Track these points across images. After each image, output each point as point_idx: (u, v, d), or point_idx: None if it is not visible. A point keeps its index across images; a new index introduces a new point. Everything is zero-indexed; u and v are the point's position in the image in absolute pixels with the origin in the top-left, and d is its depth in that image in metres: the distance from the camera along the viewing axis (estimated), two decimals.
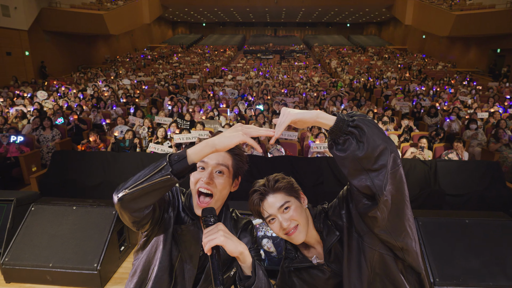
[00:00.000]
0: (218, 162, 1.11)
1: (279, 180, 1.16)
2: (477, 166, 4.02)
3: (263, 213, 1.14)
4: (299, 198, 1.18)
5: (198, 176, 1.10)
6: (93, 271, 1.85)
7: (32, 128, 5.85)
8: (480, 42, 18.64)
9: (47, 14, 16.18)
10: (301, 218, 1.13)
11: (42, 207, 2.10)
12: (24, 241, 1.97)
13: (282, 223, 1.11)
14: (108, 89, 10.70)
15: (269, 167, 4.08)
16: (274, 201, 1.12)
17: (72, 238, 1.99)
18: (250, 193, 1.17)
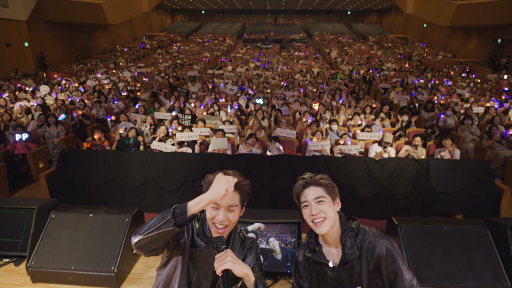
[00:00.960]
0: (229, 204, 1.32)
1: (324, 178, 1.40)
2: (467, 165, 4.19)
3: (301, 197, 1.39)
4: (334, 200, 1.39)
5: (214, 214, 1.32)
6: (110, 273, 2.06)
7: (37, 124, 5.99)
8: (481, 32, 18.57)
9: (45, 3, 16.06)
10: (329, 215, 1.35)
11: (61, 215, 2.28)
12: (47, 246, 2.16)
13: (312, 210, 1.34)
14: (109, 82, 10.77)
15: (268, 165, 4.24)
16: (313, 192, 1.36)
17: (90, 243, 2.18)
18: (298, 180, 1.42)
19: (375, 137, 5.35)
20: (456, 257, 2.04)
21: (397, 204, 3.99)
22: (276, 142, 4.91)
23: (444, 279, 1.96)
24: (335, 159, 4.33)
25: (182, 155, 4.37)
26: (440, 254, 2.05)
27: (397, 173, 4.09)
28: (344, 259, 1.36)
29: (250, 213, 2.39)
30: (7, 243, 2.37)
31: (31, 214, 2.34)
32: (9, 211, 2.40)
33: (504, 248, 2.09)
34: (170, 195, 4.14)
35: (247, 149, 4.74)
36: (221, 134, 5.10)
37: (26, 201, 2.55)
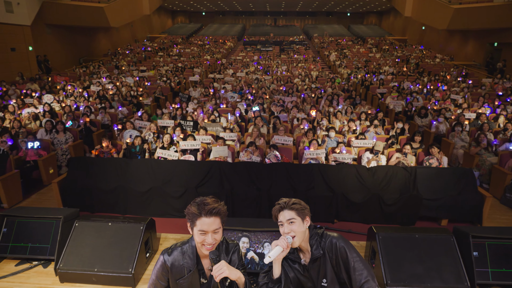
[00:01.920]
0: (213, 228, 1.59)
1: (296, 203, 1.74)
2: (452, 172, 4.47)
3: (278, 218, 1.75)
4: (303, 220, 1.73)
5: (202, 238, 1.60)
6: (128, 274, 2.36)
7: (46, 129, 6.27)
8: (477, 35, 18.83)
9: (48, 7, 16.36)
10: (298, 233, 1.70)
11: (84, 223, 2.58)
12: (73, 251, 2.46)
13: (285, 229, 1.70)
14: (113, 87, 11.06)
15: (266, 173, 4.53)
16: (286, 214, 1.71)
17: (110, 248, 2.49)
18: (276, 204, 1.79)
19: (368, 144, 5.63)
20: (425, 261, 2.33)
21: (386, 209, 4.27)
22: (274, 150, 5.19)
23: (414, 280, 2.26)
24: (329, 167, 4.61)
25: (186, 163, 4.66)
26: (411, 258, 2.35)
27: (386, 181, 4.38)
28: (312, 258, 1.73)
29: (249, 222, 2.67)
30: (37, 248, 2.67)
31: (58, 223, 2.64)
32: (38, 220, 2.70)
33: (466, 253, 2.38)
34: (174, 200, 4.42)
35: (247, 156, 5.02)
36: (222, 142, 5.38)
37: (52, 211, 2.85)
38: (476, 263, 2.44)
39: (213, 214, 1.54)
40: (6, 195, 4.63)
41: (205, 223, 1.55)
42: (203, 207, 1.55)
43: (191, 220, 1.59)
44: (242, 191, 4.38)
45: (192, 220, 1.58)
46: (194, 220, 1.57)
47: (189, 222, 1.61)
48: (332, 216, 4.40)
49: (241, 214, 4.34)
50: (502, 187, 5.06)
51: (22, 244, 2.68)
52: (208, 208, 1.54)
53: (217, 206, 1.58)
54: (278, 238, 1.71)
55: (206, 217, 1.54)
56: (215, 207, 1.56)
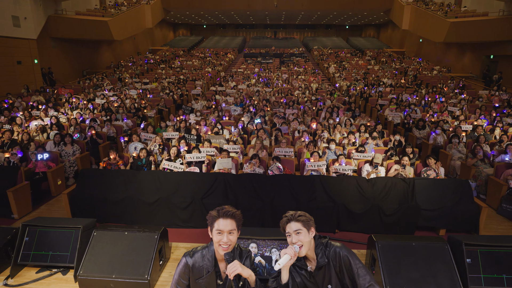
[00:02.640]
0: (229, 229, 1.83)
1: (301, 215, 1.90)
2: (449, 183, 4.62)
3: (286, 229, 1.91)
4: (309, 230, 1.89)
5: (219, 238, 1.83)
6: (144, 280, 2.52)
7: (55, 142, 6.45)
8: (474, 48, 19.22)
9: (54, 21, 16.78)
10: (305, 242, 1.86)
11: (101, 232, 2.74)
12: (92, 258, 2.61)
13: (293, 240, 1.86)
14: (117, 99, 11.29)
15: (269, 184, 4.68)
16: (293, 226, 1.87)
17: (127, 256, 2.64)
18: (283, 216, 1.95)
19: (367, 157, 5.80)
20: (421, 267, 2.48)
21: (385, 220, 4.41)
22: (277, 161, 5.36)
23: (411, 286, 2.40)
24: (330, 178, 4.77)
25: (192, 175, 4.82)
26: (409, 265, 2.50)
27: (385, 191, 4.53)
28: (318, 265, 1.89)
29: (255, 231, 2.82)
30: (57, 255, 2.81)
31: (77, 232, 2.79)
32: (58, 229, 2.85)
33: (460, 260, 2.53)
34: (181, 211, 4.57)
35: (251, 168, 5.18)
36: (225, 154, 5.55)
37: (71, 221, 3.02)
38: (469, 269, 2.58)
39: (228, 216, 1.81)
40: (16, 206, 4.77)
41: (222, 224, 1.80)
42: (221, 210, 1.82)
43: (210, 222, 1.84)
44: (246, 202, 4.53)
45: (211, 222, 1.83)
46: (213, 222, 1.83)
47: (209, 226, 1.85)
48: (333, 226, 4.53)
49: (245, 224, 4.42)
50: (498, 198, 5.21)
51: (43, 252, 2.83)
52: (224, 211, 1.81)
53: (232, 210, 1.84)
54: (285, 247, 1.87)
55: (222, 218, 1.81)
56: (231, 211, 1.83)
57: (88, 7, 20.49)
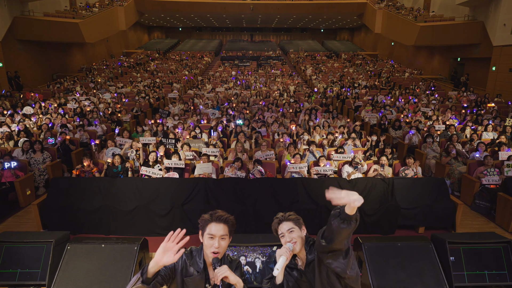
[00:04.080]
0: (221, 234, 1.76)
1: (291, 215, 1.94)
2: (427, 182, 4.74)
3: (278, 230, 1.92)
4: (300, 228, 1.92)
5: (211, 242, 1.75)
6: None
7: (23, 149, 6.08)
8: (442, 51, 20.07)
9: (20, 23, 15.98)
10: (299, 239, 1.88)
11: (76, 246, 2.55)
12: (66, 274, 2.42)
13: (286, 238, 1.86)
14: (90, 103, 10.87)
15: (251, 188, 4.62)
16: (285, 226, 1.89)
17: (104, 270, 2.47)
18: (274, 219, 1.96)
19: (347, 158, 5.86)
20: (407, 267, 2.50)
21: (367, 219, 4.45)
22: (258, 165, 5.30)
23: (398, 285, 2.41)
24: (311, 180, 4.77)
25: (171, 181, 4.67)
26: (395, 265, 2.52)
27: (366, 192, 4.57)
28: (307, 262, 1.91)
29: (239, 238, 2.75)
30: (27, 273, 2.60)
31: (49, 247, 2.59)
32: (27, 244, 2.63)
33: (444, 258, 2.57)
34: (160, 219, 4.41)
35: (232, 172, 5.09)
36: (205, 159, 5.43)
37: (42, 235, 2.80)
38: (453, 267, 2.64)
39: (221, 221, 1.76)
40: None
41: (214, 228, 1.74)
42: (214, 214, 1.77)
43: (202, 226, 1.77)
44: (228, 207, 4.43)
45: (203, 226, 1.77)
46: (204, 226, 1.76)
47: (201, 229, 1.79)
48: (316, 228, 4.48)
49: None
50: (471, 194, 5.40)
51: (11, 270, 2.60)
52: (218, 215, 1.76)
53: (226, 215, 1.78)
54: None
55: (215, 222, 1.75)
56: (224, 216, 1.77)
57: (57, 8, 19.68)
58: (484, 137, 7.64)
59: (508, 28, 13.54)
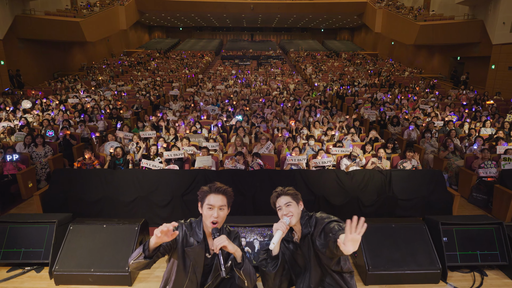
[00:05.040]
0: (219, 204, 1.85)
1: (290, 189, 2.03)
2: (424, 174, 4.79)
3: (276, 204, 2.00)
4: (298, 203, 2.01)
5: (210, 213, 1.84)
6: (125, 272, 2.42)
7: (25, 143, 6.15)
8: (442, 50, 20.12)
9: (21, 22, 16.07)
10: (295, 213, 1.96)
11: (78, 226, 2.61)
12: (68, 253, 2.48)
13: (283, 211, 1.94)
14: (91, 100, 10.94)
15: (250, 179, 4.67)
16: (283, 200, 1.97)
17: (106, 249, 2.53)
18: (273, 192, 2.04)
19: (346, 151, 5.91)
20: (401, 247, 2.56)
21: (365, 210, 4.50)
22: (257, 158, 5.35)
23: (392, 265, 2.47)
24: (310, 172, 4.82)
25: (171, 172, 4.73)
26: (389, 246, 2.58)
27: (364, 183, 4.63)
28: (302, 235, 1.98)
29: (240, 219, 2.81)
30: (30, 252, 2.66)
31: (52, 227, 2.65)
32: (31, 225, 2.69)
33: (437, 239, 2.62)
34: (160, 209, 4.46)
35: (232, 164, 5.15)
36: (205, 151, 5.49)
37: (45, 216, 2.85)
38: (446, 247, 2.70)
39: (220, 192, 1.85)
40: None
41: (213, 199, 1.83)
42: (213, 186, 1.86)
43: (201, 198, 1.85)
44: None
45: (202, 198, 1.85)
46: (204, 197, 1.84)
47: (200, 201, 1.86)
48: None
49: (227, 220, 4.44)
50: (469, 187, 5.44)
51: (15, 249, 2.66)
52: (216, 187, 1.86)
53: (224, 186, 1.87)
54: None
55: (214, 193, 1.84)
56: (222, 187, 1.86)
57: (58, 7, 19.77)
58: (483, 132, 7.69)
59: (507, 27, 13.58)
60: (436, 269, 2.50)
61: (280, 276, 2.00)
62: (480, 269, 2.81)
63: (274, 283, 1.98)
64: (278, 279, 1.99)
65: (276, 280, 1.98)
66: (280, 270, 1.98)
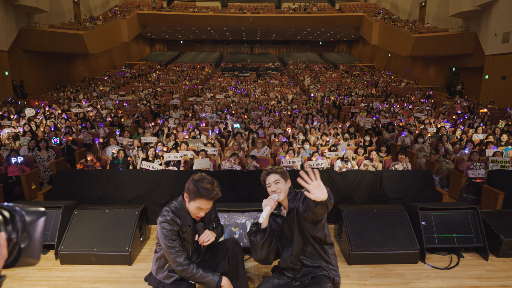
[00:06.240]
0: (207, 207, 2.04)
1: (279, 168, 2.22)
2: (413, 174, 4.97)
3: (266, 181, 2.18)
4: (286, 180, 2.18)
5: (197, 211, 2.04)
6: (125, 252, 2.59)
7: (29, 147, 6.35)
8: (438, 61, 20.54)
9: (27, 34, 16.50)
10: (283, 189, 2.13)
11: (83, 211, 2.79)
12: (73, 235, 2.65)
13: (272, 188, 2.11)
14: (93, 109, 11.19)
15: (246, 179, 4.85)
16: (272, 177, 2.14)
17: (108, 231, 2.71)
18: (263, 171, 2.24)
19: (339, 155, 6.10)
20: (382, 230, 2.72)
21: None
22: (253, 160, 5.54)
23: (374, 245, 2.63)
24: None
25: (170, 172, 4.91)
26: (371, 228, 2.74)
27: (356, 183, 4.80)
28: (289, 209, 2.16)
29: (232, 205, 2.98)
30: None
31: (58, 212, 2.83)
32: None
33: (416, 222, 2.79)
34: (159, 208, 4.62)
35: (229, 165, 5.33)
36: (204, 154, 5.68)
37: (52, 202, 3.03)
38: (424, 230, 2.86)
39: (213, 199, 2.00)
40: None
41: (204, 203, 1.98)
42: (207, 192, 1.95)
43: (192, 196, 1.97)
44: (224, 197, 4.63)
45: (193, 197, 1.97)
46: (195, 198, 1.96)
47: (188, 195, 1.99)
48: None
49: (219, 206, 4.59)
50: (459, 189, 5.61)
51: None
52: (211, 195, 1.97)
53: (216, 193, 1.99)
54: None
55: (206, 200, 1.96)
56: (216, 194, 1.99)
57: (62, 21, 20.30)
58: (474, 138, 7.89)
59: (499, 38, 13.96)
60: (414, 249, 2.66)
61: (268, 247, 2.17)
62: (458, 252, 2.98)
63: (262, 252, 2.15)
64: (265, 250, 2.16)
65: (263, 250, 2.15)
66: (267, 241, 2.15)
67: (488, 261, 2.87)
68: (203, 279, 2.01)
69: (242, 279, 2.21)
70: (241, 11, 26.28)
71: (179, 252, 1.98)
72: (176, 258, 1.96)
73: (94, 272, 2.61)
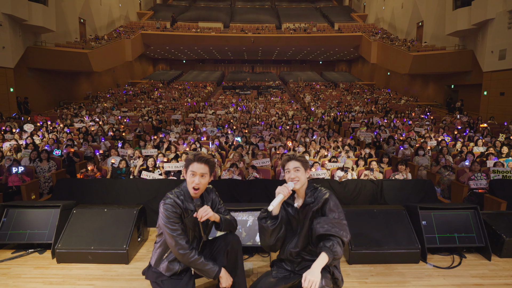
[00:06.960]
0: (201, 172, 2.07)
1: (301, 156, 2.16)
2: (414, 183, 4.95)
3: (286, 166, 2.13)
4: (306, 170, 2.13)
5: (192, 179, 2.08)
6: (123, 250, 2.56)
7: (30, 158, 6.39)
8: (436, 79, 20.80)
9: (33, 52, 16.89)
10: (301, 179, 2.08)
11: (81, 210, 2.78)
12: (71, 233, 2.64)
13: (291, 175, 2.07)
14: (95, 124, 11.30)
15: (246, 188, 4.83)
16: (293, 164, 2.09)
17: (106, 230, 2.70)
18: (285, 156, 2.19)
19: (339, 165, 6.10)
20: (382, 229, 2.70)
21: None
22: (254, 170, 5.54)
23: (374, 244, 2.59)
24: None
25: (170, 181, 4.91)
26: (371, 228, 2.72)
27: (356, 192, 4.78)
28: (304, 203, 2.11)
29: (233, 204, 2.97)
30: (35, 233, 2.81)
31: (56, 211, 2.82)
32: (38, 209, 2.86)
33: (416, 223, 2.76)
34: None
35: (229, 175, 5.33)
36: None
37: (51, 202, 3.03)
38: (425, 230, 2.82)
39: (202, 161, 2.06)
40: None
41: (196, 167, 2.05)
42: (197, 155, 2.07)
43: (186, 164, 2.07)
44: (226, 201, 4.62)
45: (187, 165, 2.07)
46: (188, 165, 2.07)
47: (185, 167, 2.09)
48: None
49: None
50: (461, 199, 5.56)
51: (21, 231, 2.80)
52: (199, 156, 2.07)
53: (207, 156, 2.08)
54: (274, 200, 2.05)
55: (197, 162, 2.05)
56: (205, 157, 2.07)
57: (68, 40, 20.81)
58: (475, 151, 7.88)
59: (496, 55, 14.20)
60: (415, 248, 2.62)
61: (277, 234, 2.11)
62: (460, 252, 2.94)
63: (270, 239, 2.10)
64: (274, 236, 2.10)
65: (272, 236, 2.09)
66: (277, 229, 2.09)
67: (491, 261, 2.84)
68: (203, 267, 2.02)
69: (240, 273, 2.19)
70: (242, 32, 26.91)
71: (181, 235, 2.00)
72: (179, 240, 1.98)
73: (91, 270, 2.60)
